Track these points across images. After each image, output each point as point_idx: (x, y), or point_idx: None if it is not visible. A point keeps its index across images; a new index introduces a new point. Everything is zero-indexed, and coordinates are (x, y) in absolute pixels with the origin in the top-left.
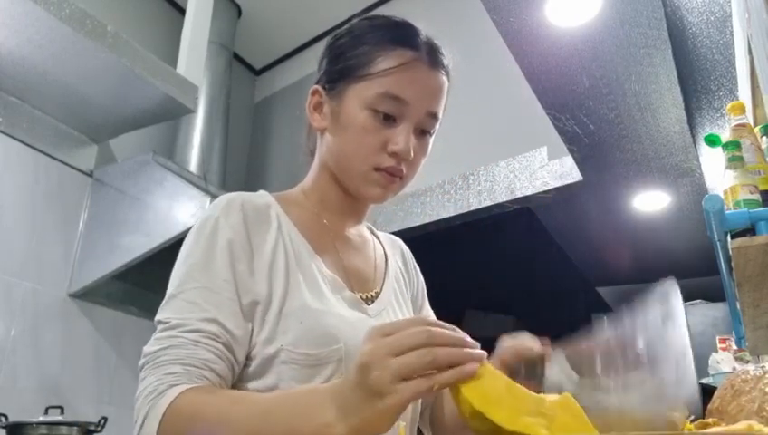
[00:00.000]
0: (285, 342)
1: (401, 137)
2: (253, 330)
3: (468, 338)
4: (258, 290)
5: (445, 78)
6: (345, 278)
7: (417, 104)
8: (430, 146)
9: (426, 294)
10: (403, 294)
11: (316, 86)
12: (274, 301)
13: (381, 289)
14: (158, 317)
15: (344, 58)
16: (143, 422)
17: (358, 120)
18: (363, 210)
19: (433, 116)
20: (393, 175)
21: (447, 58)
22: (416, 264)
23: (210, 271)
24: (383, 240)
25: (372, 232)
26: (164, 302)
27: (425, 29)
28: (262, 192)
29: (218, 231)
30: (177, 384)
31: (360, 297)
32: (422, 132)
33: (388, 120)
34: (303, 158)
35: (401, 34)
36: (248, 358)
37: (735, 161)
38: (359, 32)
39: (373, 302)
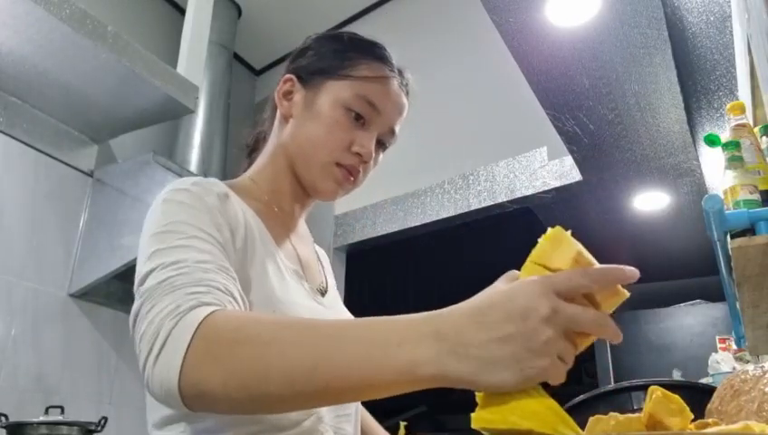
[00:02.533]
0: None
1: (367, 140)
2: None
3: None
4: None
5: (407, 102)
6: (300, 269)
7: (386, 115)
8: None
9: None
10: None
11: (289, 75)
12: (250, 286)
13: (327, 282)
14: (145, 269)
15: (329, 57)
16: (164, 342)
17: (331, 113)
18: (309, 205)
19: (393, 133)
20: (350, 174)
21: (410, 85)
22: None
23: (193, 225)
24: None
25: None
26: (142, 262)
27: (425, 29)
28: (213, 179)
29: (193, 197)
30: (206, 303)
31: (315, 288)
32: (379, 145)
33: (359, 121)
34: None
35: (384, 54)
36: None
37: (735, 161)
38: (347, 39)
39: (324, 293)
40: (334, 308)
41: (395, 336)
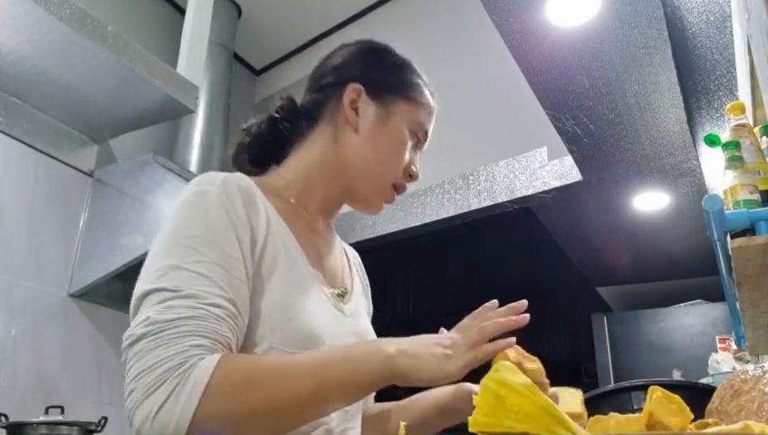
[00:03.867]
0: (275, 340)
1: (417, 162)
2: None
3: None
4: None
5: None
6: (322, 273)
7: (426, 142)
8: None
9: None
10: (365, 296)
11: (357, 84)
12: (267, 291)
13: (352, 288)
14: (155, 285)
15: (399, 74)
16: (168, 396)
17: (402, 136)
18: (338, 211)
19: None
20: (397, 193)
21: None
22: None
23: (217, 246)
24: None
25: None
26: (159, 271)
27: (425, 29)
28: (239, 175)
29: (219, 206)
30: (206, 358)
31: (336, 293)
32: None
33: (415, 146)
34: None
35: (428, 81)
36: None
37: (735, 161)
38: (407, 62)
39: (347, 299)
40: (354, 316)
41: (370, 354)
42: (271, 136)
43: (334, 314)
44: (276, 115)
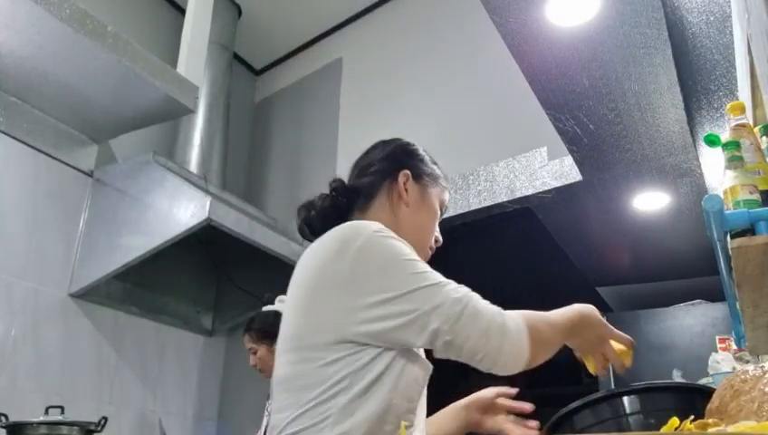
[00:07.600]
0: None
1: (438, 232)
2: None
3: None
4: None
5: None
6: None
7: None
8: None
9: None
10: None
11: (406, 171)
12: None
13: None
14: (435, 279)
15: (430, 166)
16: (503, 323)
17: (435, 210)
18: None
19: None
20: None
21: None
22: None
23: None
24: None
25: None
26: (423, 272)
27: (424, 30)
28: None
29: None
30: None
31: None
32: None
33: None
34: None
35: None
36: None
37: (735, 161)
38: (434, 161)
39: None
40: None
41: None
42: (331, 211)
43: None
44: (333, 193)
